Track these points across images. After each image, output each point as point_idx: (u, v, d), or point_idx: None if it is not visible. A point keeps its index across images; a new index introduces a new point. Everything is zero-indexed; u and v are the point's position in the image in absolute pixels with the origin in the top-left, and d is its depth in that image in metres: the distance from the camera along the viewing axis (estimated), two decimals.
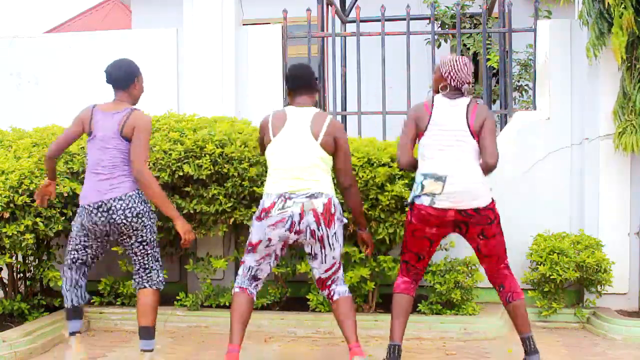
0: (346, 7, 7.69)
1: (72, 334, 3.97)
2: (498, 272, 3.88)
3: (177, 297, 5.12)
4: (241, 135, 4.79)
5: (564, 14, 6.32)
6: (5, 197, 4.36)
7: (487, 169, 3.77)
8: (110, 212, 3.77)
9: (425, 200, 3.71)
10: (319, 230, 3.69)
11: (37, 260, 4.92)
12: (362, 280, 4.76)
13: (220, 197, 4.76)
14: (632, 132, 4.96)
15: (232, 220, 4.84)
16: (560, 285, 5.00)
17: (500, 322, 4.84)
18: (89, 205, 3.80)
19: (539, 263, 4.96)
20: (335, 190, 3.89)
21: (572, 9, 5.75)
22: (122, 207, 3.77)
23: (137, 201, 3.81)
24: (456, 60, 3.82)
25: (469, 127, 3.73)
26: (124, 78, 3.90)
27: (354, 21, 6.38)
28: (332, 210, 3.71)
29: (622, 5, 4.84)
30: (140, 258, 3.91)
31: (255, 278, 3.86)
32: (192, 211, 4.81)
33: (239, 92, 5.80)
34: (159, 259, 3.97)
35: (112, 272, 5.29)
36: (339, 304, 3.79)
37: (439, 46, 7.44)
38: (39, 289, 5.10)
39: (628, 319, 4.84)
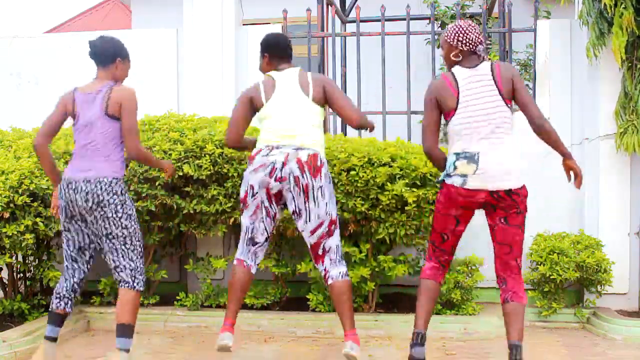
0: (346, 7, 7.69)
1: (46, 337, 3.80)
2: (506, 264, 3.59)
3: (177, 297, 5.13)
4: None
5: (564, 14, 6.33)
6: (5, 197, 4.36)
7: (542, 131, 3.51)
8: (75, 191, 3.62)
9: (456, 181, 3.52)
10: (302, 177, 3.67)
11: (37, 260, 4.92)
12: (362, 280, 4.76)
13: (220, 197, 4.76)
14: (633, 132, 4.96)
15: (232, 220, 4.84)
16: (560, 285, 5.00)
17: (500, 322, 4.77)
18: (64, 182, 3.68)
19: (539, 263, 4.96)
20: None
21: (572, 9, 5.75)
22: (86, 190, 3.59)
23: (104, 189, 3.60)
24: (459, 24, 3.57)
25: (500, 93, 3.49)
26: (111, 50, 3.75)
27: (354, 21, 6.38)
28: (318, 164, 3.71)
29: (622, 5, 4.84)
30: (110, 254, 3.69)
31: (253, 242, 3.84)
32: (192, 211, 4.81)
33: (239, 92, 5.77)
34: (135, 259, 3.70)
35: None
36: (333, 289, 3.75)
37: (438, 46, 7.40)
38: (39, 289, 5.11)
39: (628, 319, 4.84)
